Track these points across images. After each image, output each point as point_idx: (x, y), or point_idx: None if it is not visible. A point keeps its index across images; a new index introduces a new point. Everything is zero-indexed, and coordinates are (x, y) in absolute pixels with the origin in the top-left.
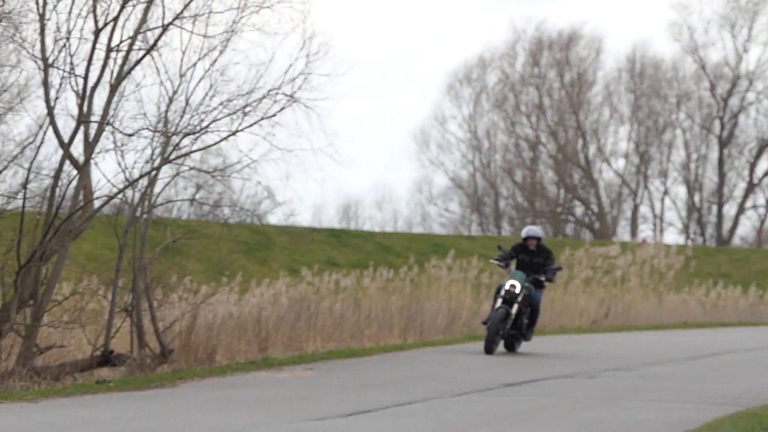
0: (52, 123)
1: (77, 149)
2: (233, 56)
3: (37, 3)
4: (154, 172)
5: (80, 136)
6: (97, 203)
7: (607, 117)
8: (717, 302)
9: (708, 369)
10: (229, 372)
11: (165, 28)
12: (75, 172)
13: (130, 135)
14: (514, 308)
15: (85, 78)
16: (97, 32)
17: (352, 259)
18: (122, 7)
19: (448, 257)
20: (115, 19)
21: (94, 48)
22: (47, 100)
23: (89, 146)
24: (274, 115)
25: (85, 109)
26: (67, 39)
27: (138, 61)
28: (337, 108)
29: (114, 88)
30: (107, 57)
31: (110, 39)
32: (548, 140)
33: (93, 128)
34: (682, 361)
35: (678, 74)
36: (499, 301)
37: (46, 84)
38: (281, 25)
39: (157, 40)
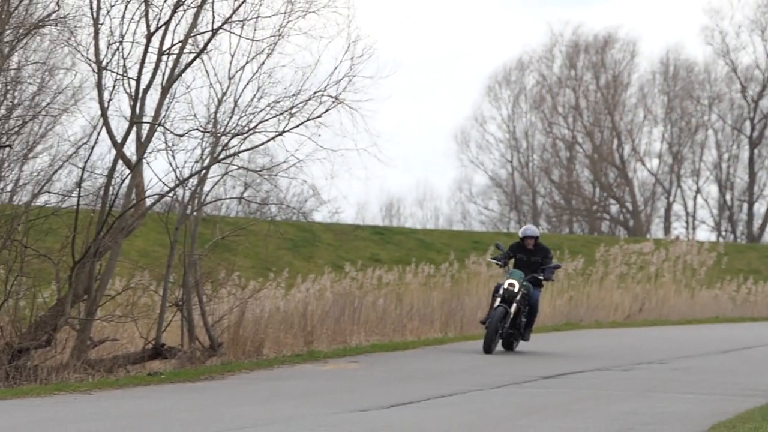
0: (106, 124)
1: (130, 149)
2: (280, 59)
3: (91, 8)
4: (203, 171)
5: (133, 136)
6: (148, 201)
7: (642, 118)
8: (747, 297)
9: (739, 362)
10: (276, 364)
11: (214, 32)
12: (128, 171)
13: (181, 135)
14: (513, 307)
15: (138, 80)
16: (149, 36)
17: (395, 256)
18: (173, 12)
19: (488, 254)
20: (167, 23)
21: (146, 51)
22: (101, 102)
23: (141, 146)
24: (319, 116)
25: (137, 110)
26: (120, 43)
27: (188, 64)
28: (381, 109)
29: (165, 90)
30: (159, 60)
31: (162, 42)
32: (584, 140)
33: (145, 129)
34: (714, 354)
35: (710, 77)
36: (498, 300)
37: (99, 86)
38: (327, 29)
39: (207, 44)
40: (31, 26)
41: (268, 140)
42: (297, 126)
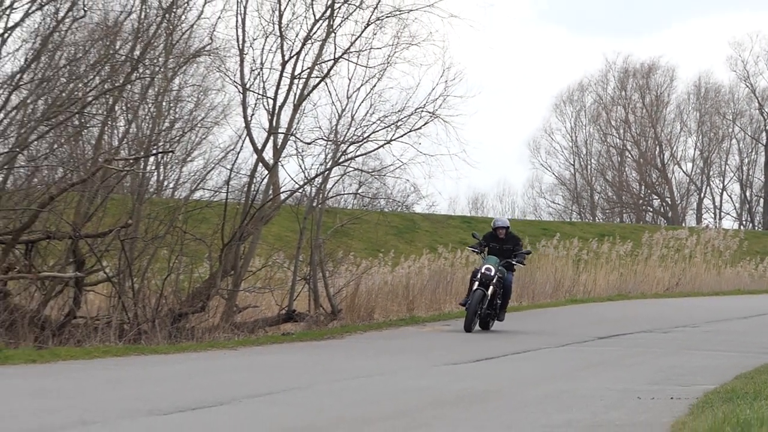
0: (249, 134)
1: (268, 154)
2: (388, 82)
3: (237, 41)
4: (326, 172)
5: (270, 144)
6: (282, 196)
7: (679, 130)
8: (764, 274)
9: (757, 325)
10: (384, 327)
11: (336, 60)
12: (266, 172)
13: (308, 143)
14: (490, 290)
15: (274, 99)
16: (283, 64)
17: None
18: (303, 45)
19: (554, 239)
20: (298, 53)
21: (281, 76)
22: (245, 117)
23: (277, 152)
24: (419, 128)
25: (274, 123)
26: (261, 69)
27: (315, 86)
28: (469, 122)
29: (296, 107)
30: (291, 83)
31: (293, 69)
32: (632, 148)
33: (280, 138)
34: (737, 319)
35: (734, 97)
36: (476, 284)
37: (244, 104)
38: (426, 58)
39: (329, 70)
40: (189, 56)
41: (378, 147)
42: (401, 136)
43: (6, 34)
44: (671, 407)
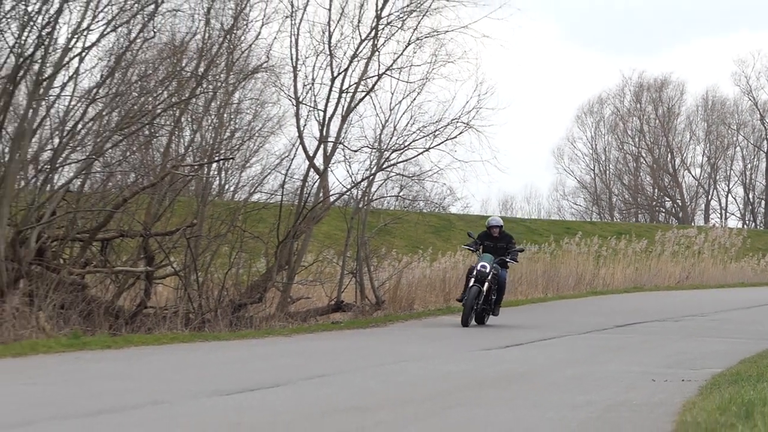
0: (301, 142)
1: (318, 161)
2: (427, 96)
3: (291, 59)
4: (371, 177)
5: (320, 151)
6: (332, 198)
7: (688, 138)
8: (765, 268)
9: (759, 315)
10: (423, 316)
11: (380, 76)
12: (317, 176)
13: (355, 151)
14: (485, 286)
15: (324, 111)
16: (332, 79)
17: None
18: (350, 62)
19: (576, 237)
20: (345, 70)
21: (330, 90)
22: (298, 127)
23: (327, 159)
24: (455, 137)
25: (324, 132)
26: (312, 84)
27: (361, 100)
28: (499, 132)
29: (344, 118)
30: (339, 97)
31: (342, 84)
32: (647, 155)
33: (329, 146)
34: (741, 309)
35: (738, 109)
36: (472, 281)
37: (297, 116)
38: (460, 74)
39: (374, 85)
40: (248, 72)
41: (418, 154)
42: (439, 144)
43: (84, 53)
44: (682, 389)
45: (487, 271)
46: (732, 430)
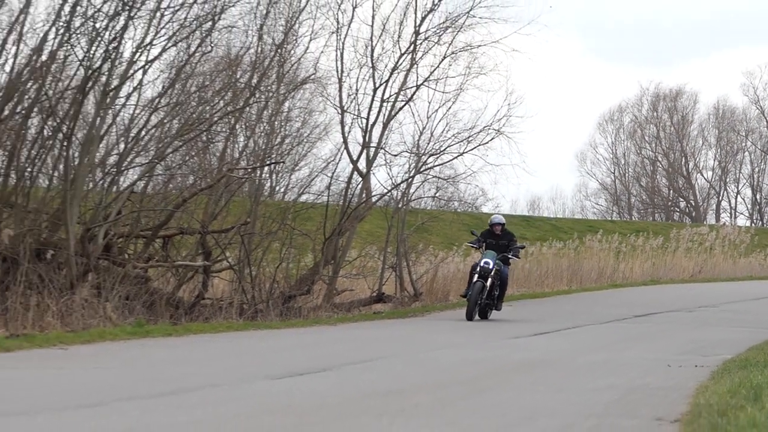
0: (346, 148)
1: (361, 164)
2: (461, 105)
3: (337, 71)
4: (409, 179)
5: (363, 156)
6: (374, 199)
7: (701, 144)
8: None
9: (767, 305)
10: (457, 307)
11: (418, 87)
12: (360, 179)
13: (395, 155)
14: (489, 282)
15: (367, 119)
16: (374, 90)
17: (537, 235)
18: (390, 74)
19: (598, 234)
20: (386, 81)
21: (372, 100)
22: (343, 133)
23: (369, 162)
24: (487, 143)
25: (366, 138)
26: (356, 94)
27: (400, 108)
28: (528, 138)
29: (385, 125)
30: (381, 106)
31: (383, 94)
32: (663, 159)
33: (372, 151)
34: (750, 300)
35: (746, 117)
36: (476, 277)
37: (342, 123)
38: (492, 84)
39: (412, 95)
40: (297, 83)
41: (453, 158)
42: (472, 149)
43: (147, 66)
44: (696, 374)
45: (490, 267)
46: (742, 411)
